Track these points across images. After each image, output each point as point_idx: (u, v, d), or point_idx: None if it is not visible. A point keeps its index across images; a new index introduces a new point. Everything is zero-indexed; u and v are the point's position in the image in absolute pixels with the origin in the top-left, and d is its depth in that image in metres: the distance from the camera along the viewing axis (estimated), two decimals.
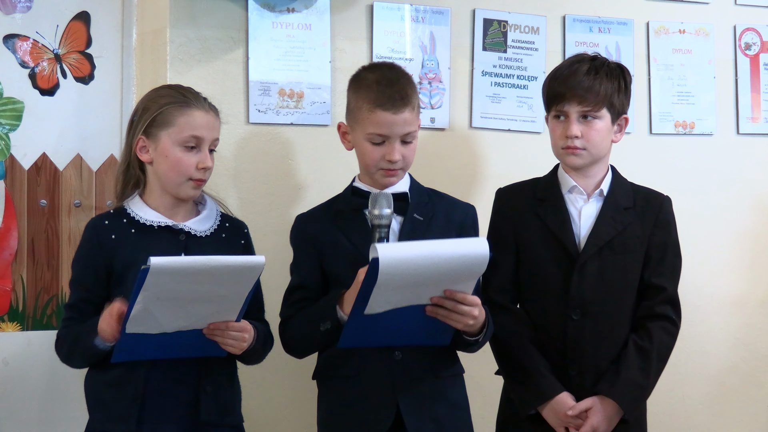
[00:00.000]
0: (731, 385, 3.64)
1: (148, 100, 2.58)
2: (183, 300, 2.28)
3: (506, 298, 2.76)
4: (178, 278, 2.24)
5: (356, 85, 2.64)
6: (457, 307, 2.41)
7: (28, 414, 3.05)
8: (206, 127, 2.53)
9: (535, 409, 2.66)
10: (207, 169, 2.54)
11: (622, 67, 2.76)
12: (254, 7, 3.07)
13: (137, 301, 2.25)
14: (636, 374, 2.64)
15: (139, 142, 2.55)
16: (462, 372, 2.68)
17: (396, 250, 2.34)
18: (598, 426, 2.61)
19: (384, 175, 2.60)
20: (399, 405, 2.53)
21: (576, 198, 2.75)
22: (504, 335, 2.70)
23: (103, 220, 2.55)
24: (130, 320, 2.28)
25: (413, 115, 2.60)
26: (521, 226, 2.75)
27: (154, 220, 2.52)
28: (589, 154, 2.70)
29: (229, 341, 2.40)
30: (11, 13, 3.07)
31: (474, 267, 2.36)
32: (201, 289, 2.27)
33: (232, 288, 2.31)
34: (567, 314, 2.68)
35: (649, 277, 2.72)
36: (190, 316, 2.33)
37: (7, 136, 3.06)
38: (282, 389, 3.08)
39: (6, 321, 3.06)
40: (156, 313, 2.29)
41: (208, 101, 2.60)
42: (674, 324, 2.72)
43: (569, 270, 2.68)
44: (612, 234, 2.69)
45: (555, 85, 2.72)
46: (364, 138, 2.59)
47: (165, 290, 2.24)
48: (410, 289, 2.35)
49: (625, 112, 2.76)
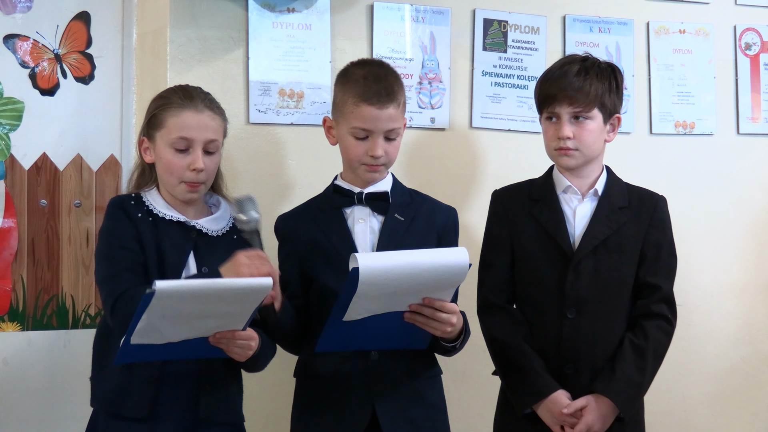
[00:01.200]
0: (732, 385, 3.64)
1: (153, 100, 2.59)
2: (188, 317, 2.27)
3: (502, 298, 2.76)
4: (183, 301, 2.22)
5: (344, 80, 2.64)
6: (435, 315, 2.41)
7: (28, 414, 3.05)
8: (196, 128, 2.51)
9: (531, 408, 2.66)
10: (199, 171, 2.50)
11: (613, 66, 2.77)
12: (254, 7, 3.07)
13: (141, 319, 2.23)
14: (632, 372, 2.64)
15: (142, 144, 2.56)
16: (440, 374, 2.69)
17: (376, 260, 2.34)
18: (592, 424, 2.61)
19: (366, 171, 2.60)
20: (374, 406, 2.53)
21: (570, 198, 2.75)
22: (500, 335, 2.71)
23: (129, 199, 2.53)
24: (134, 334, 2.26)
25: (398, 112, 2.60)
26: (516, 227, 2.76)
27: (167, 213, 2.52)
28: (582, 155, 2.71)
29: (235, 350, 2.39)
30: (11, 13, 3.07)
31: (453, 277, 2.36)
32: (207, 308, 2.26)
33: (237, 307, 2.30)
34: (562, 313, 2.68)
35: (645, 276, 2.73)
36: (195, 329, 2.32)
37: (7, 136, 3.06)
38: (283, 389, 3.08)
39: (6, 321, 3.06)
40: (161, 328, 2.27)
41: (210, 100, 2.57)
42: (669, 322, 2.73)
43: (564, 269, 2.69)
44: (606, 233, 2.70)
45: (546, 87, 2.73)
46: (348, 132, 2.60)
47: (170, 310, 2.22)
48: (389, 298, 2.35)
49: (618, 112, 2.77)
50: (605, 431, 2.65)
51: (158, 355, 2.37)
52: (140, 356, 2.36)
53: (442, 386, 2.68)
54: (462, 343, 2.57)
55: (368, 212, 2.63)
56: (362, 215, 2.63)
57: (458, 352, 2.60)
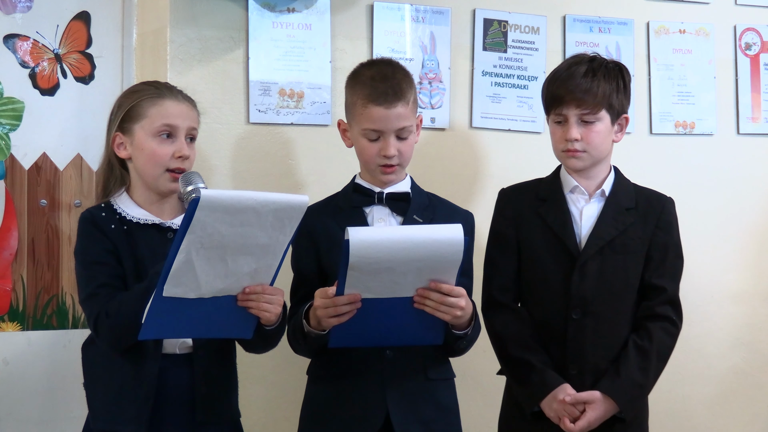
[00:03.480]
0: (732, 386, 3.63)
1: (123, 96, 2.58)
2: (225, 249, 2.23)
3: (508, 297, 2.76)
4: (225, 216, 2.19)
5: (353, 82, 2.65)
6: (443, 299, 2.40)
7: (28, 414, 3.05)
8: (179, 116, 2.51)
9: (539, 406, 2.66)
10: (184, 158, 2.50)
11: (620, 66, 2.76)
12: (254, 7, 3.07)
13: (181, 248, 2.18)
14: (635, 373, 2.64)
15: (116, 139, 2.53)
16: (453, 377, 2.68)
17: (367, 232, 2.34)
18: (594, 422, 2.61)
19: (382, 172, 2.60)
20: (388, 406, 2.53)
21: (578, 198, 2.75)
22: (506, 333, 2.71)
23: (99, 212, 2.50)
24: (170, 277, 2.21)
25: (408, 110, 2.59)
26: (523, 226, 2.76)
27: (141, 217, 2.49)
28: (590, 156, 2.70)
29: (264, 305, 2.36)
30: (11, 13, 3.07)
31: (449, 254, 2.34)
32: (245, 233, 2.22)
33: (273, 234, 2.27)
34: (568, 314, 2.68)
35: (650, 277, 2.72)
36: (229, 274, 2.28)
37: (7, 136, 3.06)
38: (283, 388, 3.08)
39: (6, 321, 3.05)
40: (197, 267, 2.23)
41: (183, 93, 2.58)
42: (674, 325, 2.72)
43: (570, 269, 2.68)
44: (613, 234, 2.70)
45: (553, 89, 2.72)
46: (360, 134, 2.60)
47: (210, 233, 2.19)
48: (387, 276, 2.33)
49: (626, 112, 2.76)
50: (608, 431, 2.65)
51: (184, 329, 2.33)
52: (167, 328, 2.31)
53: (455, 389, 2.68)
54: (474, 330, 2.56)
55: (387, 212, 2.63)
56: (381, 215, 2.63)
57: (470, 344, 2.59)
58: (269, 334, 2.47)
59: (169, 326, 2.31)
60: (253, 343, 2.49)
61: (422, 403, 2.57)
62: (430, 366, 2.60)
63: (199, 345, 2.48)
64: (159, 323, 2.28)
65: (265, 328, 2.43)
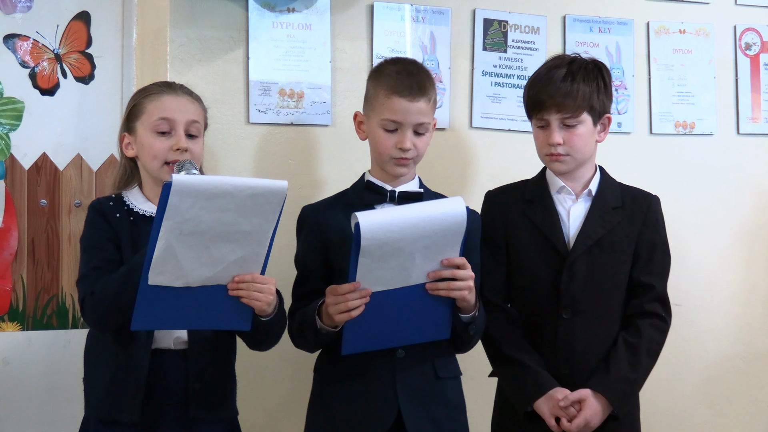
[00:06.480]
0: (731, 385, 3.64)
1: (131, 97, 2.62)
2: (206, 236, 2.23)
3: (499, 298, 2.77)
4: (201, 201, 2.18)
5: (376, 75, 2.66)
6: (456, 274, 2.43)
7: (28, 414, 3.05)
8: (177, 109, 2.53)
9: (532, 407, 2.66)
10: (182, 151, 2.51)
11: (599, 66, 2.76)
12: (254, 7, 3.07)
13: (160, 235, 2.19)
14: (625, 369, 2.65)
15: (123, 139, 2.58)
16: (460, 374, 2.69)
17: (374, 214, 2.39)
18: (591, 419, 2.61)
19: (395, 164, 2.61)
20: (399, 404, 2.53)
21: (564, 198, 2.76)
22: (497, 334, 2.72)
23: (108, 201, 2.55)
24: (153, 265, 2.22)
25: (428, 107, 2.61)
26: (511, 228, 2.77)
27: (148, 210, 2.52)
28: (573, 159, 2.71)
29: (255, 294, 2.36)
30: (11, 13, 3.07)
31: (453, 225, 2.39)
32: (224, 219, 2.22)
33: (255, 221, 2.27)
34: (558, 313, 2.69)
35: (638, 275, 2.73)
36: (214, 262, 2.28)
37: (7, 136, 3.06)
38: (282, 387, 3.08)
39: (6, 321, 3.06)
40: (179, 256, 2.23)
41: (186, 88, 2.61)
42: (664, 321, 2.74)
43: (559, 269, 2.69)
44: (601, 233, 2.71)
45: (533, 93, 2.73)
46: (378, 125, 2.61)
47: (188, 219, 2.19)
48: (396, 260, 2.36)
49: (608, 111, 2.76)
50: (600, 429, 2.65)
51: (176, 319, 2.34)
52: (158, 319, 2.31)
53: (461, 387, 2.69)
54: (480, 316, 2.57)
55: None
56: None
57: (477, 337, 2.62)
58: (267, 327, 2.47)
59: (162, 316, 2.31)
60: (253, 336, 2.50)
61: (433, 401, 2.58)
62: (439, 364, 2.61)
63: (194, 341, 2.49)
64: (150, 313, 2.28)
65: (261, 320, 2.44)
